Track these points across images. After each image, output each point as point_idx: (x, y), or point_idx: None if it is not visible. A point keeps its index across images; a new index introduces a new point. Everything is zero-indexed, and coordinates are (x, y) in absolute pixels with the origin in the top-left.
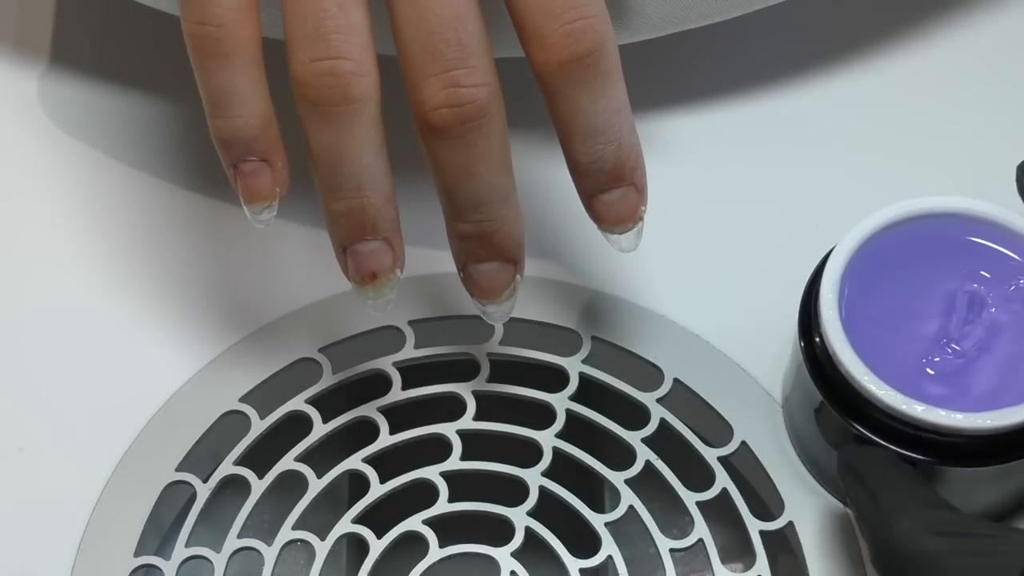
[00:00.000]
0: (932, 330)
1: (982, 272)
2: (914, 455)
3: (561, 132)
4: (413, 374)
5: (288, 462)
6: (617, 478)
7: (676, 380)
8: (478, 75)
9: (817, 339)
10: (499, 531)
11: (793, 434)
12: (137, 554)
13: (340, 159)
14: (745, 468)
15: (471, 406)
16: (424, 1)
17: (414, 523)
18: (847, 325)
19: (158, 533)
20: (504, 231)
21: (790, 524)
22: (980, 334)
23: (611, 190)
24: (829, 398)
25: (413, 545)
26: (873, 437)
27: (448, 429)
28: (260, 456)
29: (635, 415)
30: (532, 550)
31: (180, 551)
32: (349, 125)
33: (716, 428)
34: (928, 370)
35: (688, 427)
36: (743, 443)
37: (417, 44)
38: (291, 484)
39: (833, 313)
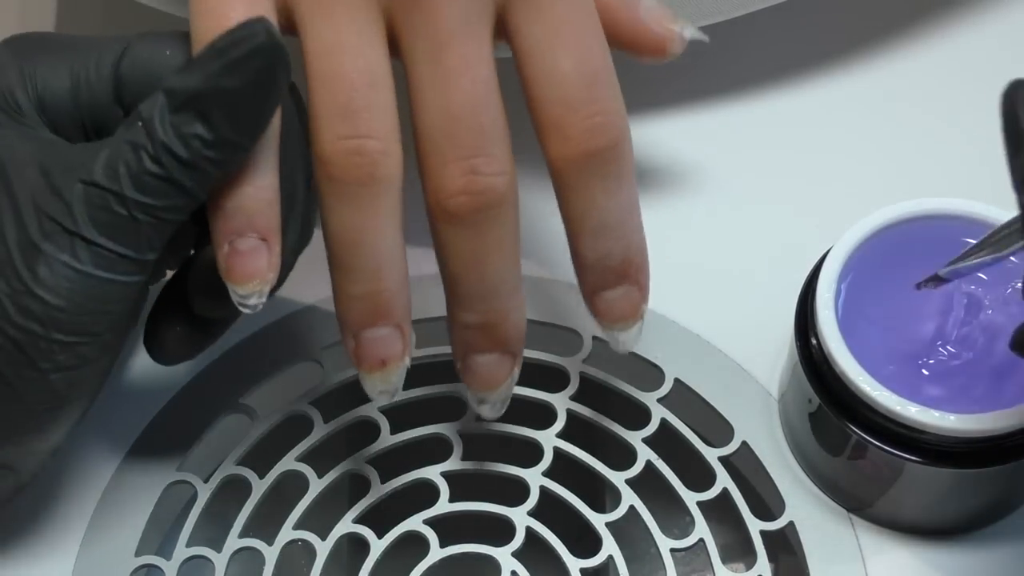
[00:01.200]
0: (929, 331)
1: (979, 274)
2: (908, 457)
3: (571, 225)
4: (414, 374)
5: (289, 462)
6: (618, 478)
7: (677, 380)
8: (497, 163)
9: (813, 340)
10: (500, 531)
11: (788, 433)
12: (138, 554)
13: (360, 240)
14: (746, 468)
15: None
16: (450, 87)
17: (415, 523)
18: (843, 325)
19: (159, 533)
20: (509, 323)
21: (791, 524)
22: (977, 336)
23: (614, 288)
24: (824, 398)
25: (414, 545)
26: (867, 438)
27: (449, 429)
28: (261, 456)
29: (636, 415)
30: (533, 550)
31: (181, 551)
32: (372, 205)
33: (717, 428)
34: (924, 371)
35: (689, 427)
36: (744, 443)
37: (439, 129)
38: (292, 484)
39: (829, 313)
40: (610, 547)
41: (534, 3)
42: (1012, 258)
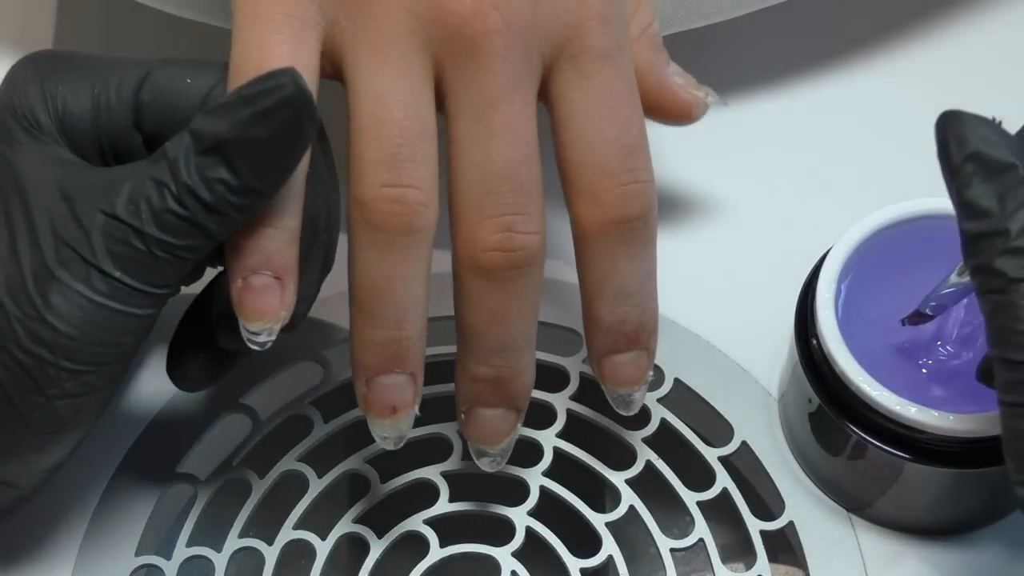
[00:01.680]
0: (929, 332)
1: None
2: (907, 457)
3: (590, 288)
4: None
5: (289, 462)
6: (618, 478)
7: (677, 380)
8: (533, 223)
9: (813, 340)
10: (500, 531)
11: (788, 433)
12: (138, 553)
13: (389, 288)
14: (746, 468)
15: None
16: (494, 144)
17: (415, 523)
18: (843, 325)
19: (159, 533)
20: (520, 379)
21: (790, 524)
22: (977, 336)
23: (624, 352)
24: (824, 398)
25: (414, 545)
26: (867, 438)
27: (449, 429)
28: (261, 456)
29: (636, 415)
30: (533, 550)
31: (181, 551)
32: (405, 254)
33: (717, 428)
34: (924, 371)
35: (689, 427)
36: (744, 443)
37: (479, 184)
38: (292, 484)
39: (829, 313)
40: (610, 547)
41: (580, 70)
42: None
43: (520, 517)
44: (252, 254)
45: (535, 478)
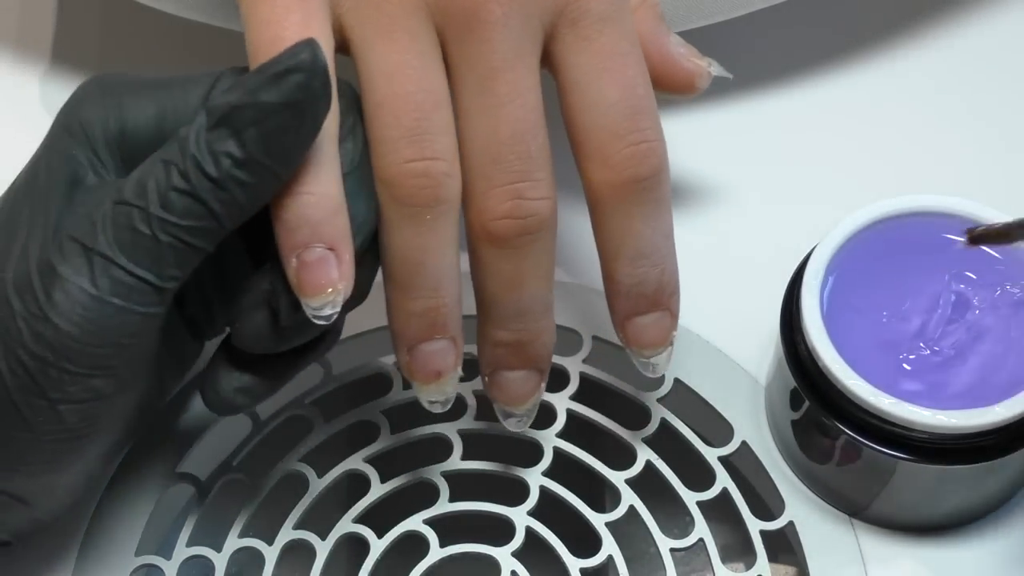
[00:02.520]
0: (914, 327)
1: (967, 273)
2: (883, 450)
3: (607, 251)
4: None
5: (289, 462)
6: (618, 478)
7: (677, 380)
8: (542, 188)
9: (798, 335)
10: (500, 531)
11: (773, 426)
12: (138, 553)
13: (423, 259)
14: (746, 468)
15: (472, 406)
16: (499, 113)
17: (415, 523)
18: (828, 318)
19: (159, 533)
20: (540, 341)
21: (790, 524)
22: (961, 334)
23: (646, 314)
24: (803, 386)
25: (414, 545)
26: (844, 429)
27: (449, 429)
28: (261, 456)
29: (636, 415)
30: (533, 550)
31: (181, 550)
32: (436, 225)
33: (717, 428)
34: (905, 366)
35: (689, 427)
36: (743, 443)
37: (486, 154)
38: (292, 484)
39: (813, 302)
40: (610, 547)
41: (582, 34)
42: (1000, 257)
43: (520, 517)
44: (299, 228)
45: (535, 478)
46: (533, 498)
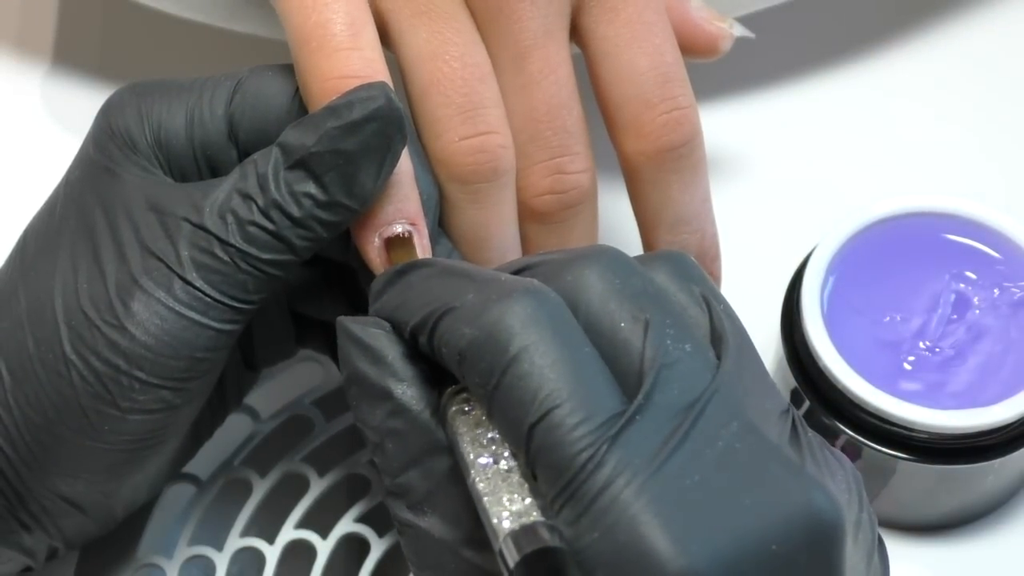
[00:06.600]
0: (914, 327)
1: (967, 273)
2: (883, 450)
3: (647, 220)
4: None
5: (290, 462)
6: None
7: None
8: (581, 161)
9: (798, 335)
10: None
11: None
12: (140, 553)
13: (488, 235)
14: None
15: None
16: (534, 90)
17: None
18: (828, 318)
19: (159, 533)
20: None
21: None
22: (961, 334)
23: None
24: (803, 386)
25: None
26: (844, 428)
27: None
28: (262, 456)
29: None
30: None
31: (182, 550)
32: (497, 199)
33: None
34: (905, 366)
35: None
36: None
37: (524, 131)
38: (293, 484)
39: (813, 302)
40: None
41: (608, 5)
42: (1000, 257)
43: None
44: (381, 207)
45: None
46: None
